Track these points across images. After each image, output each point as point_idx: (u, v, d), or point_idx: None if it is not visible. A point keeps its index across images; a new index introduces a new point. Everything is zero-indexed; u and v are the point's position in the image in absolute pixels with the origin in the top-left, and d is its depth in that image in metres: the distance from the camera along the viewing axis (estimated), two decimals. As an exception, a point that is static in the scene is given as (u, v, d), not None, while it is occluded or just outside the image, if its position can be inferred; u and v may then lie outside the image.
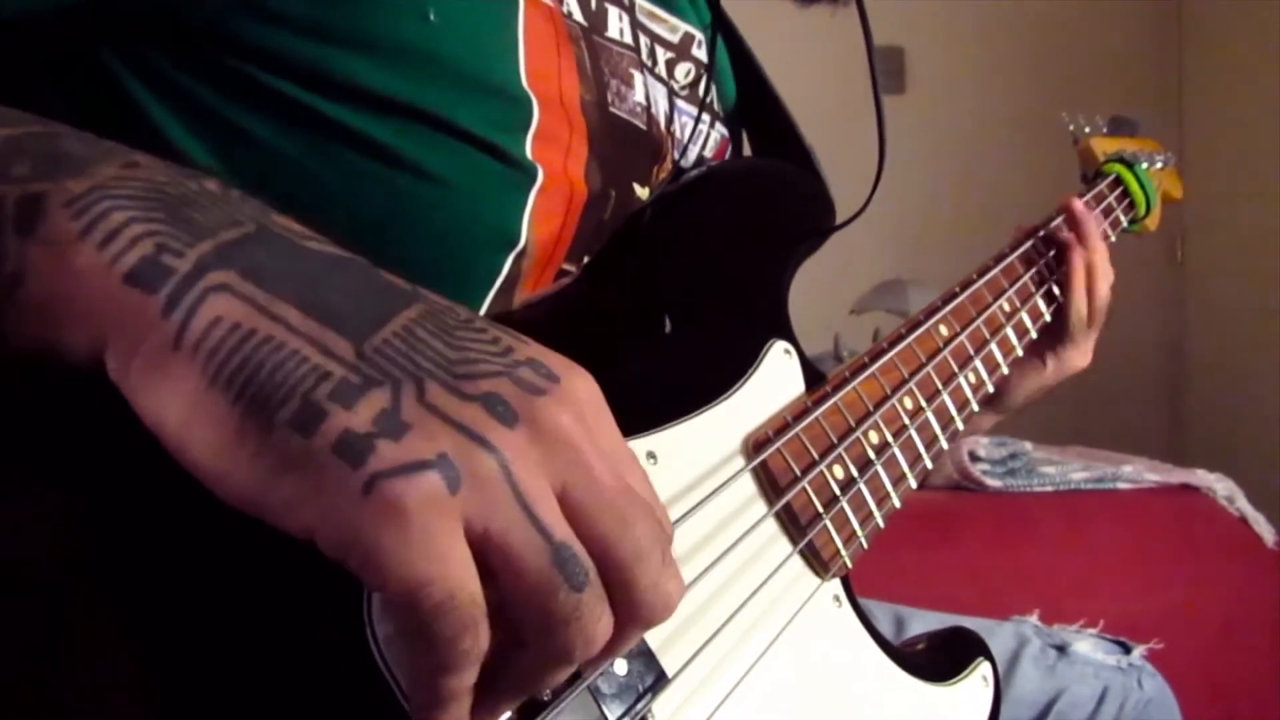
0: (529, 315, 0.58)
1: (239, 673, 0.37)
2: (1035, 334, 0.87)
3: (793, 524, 0.57)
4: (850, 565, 0.60)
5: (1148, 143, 1.19)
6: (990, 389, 0.78)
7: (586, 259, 0.63)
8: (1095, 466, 1.77)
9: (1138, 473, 1.76)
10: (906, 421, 0.67)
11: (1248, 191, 2.85)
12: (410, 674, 0.32)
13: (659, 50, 0.71)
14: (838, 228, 0.72)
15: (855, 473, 0.61)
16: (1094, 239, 0.93)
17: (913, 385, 0.69)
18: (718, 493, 0.52)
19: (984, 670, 0.65)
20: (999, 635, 0.93)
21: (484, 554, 0.32)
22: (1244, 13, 2.91)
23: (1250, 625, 1.63)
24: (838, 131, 1.21)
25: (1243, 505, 1.76)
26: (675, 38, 0.73)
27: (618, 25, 0.67)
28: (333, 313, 0.33)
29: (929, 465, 0.68)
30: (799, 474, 0.58)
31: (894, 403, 0.66)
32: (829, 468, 0.59)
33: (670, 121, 0.70)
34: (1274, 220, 2.79)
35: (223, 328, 0.32)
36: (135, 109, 0.52)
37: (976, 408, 0.76)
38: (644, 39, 0.70)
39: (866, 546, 0.61)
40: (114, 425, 0.32)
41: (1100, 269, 0.92)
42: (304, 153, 0.53)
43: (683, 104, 0.72)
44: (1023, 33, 2.90)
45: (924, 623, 0.90)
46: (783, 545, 0.56)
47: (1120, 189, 1.08)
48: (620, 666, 0.44)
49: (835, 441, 0.61)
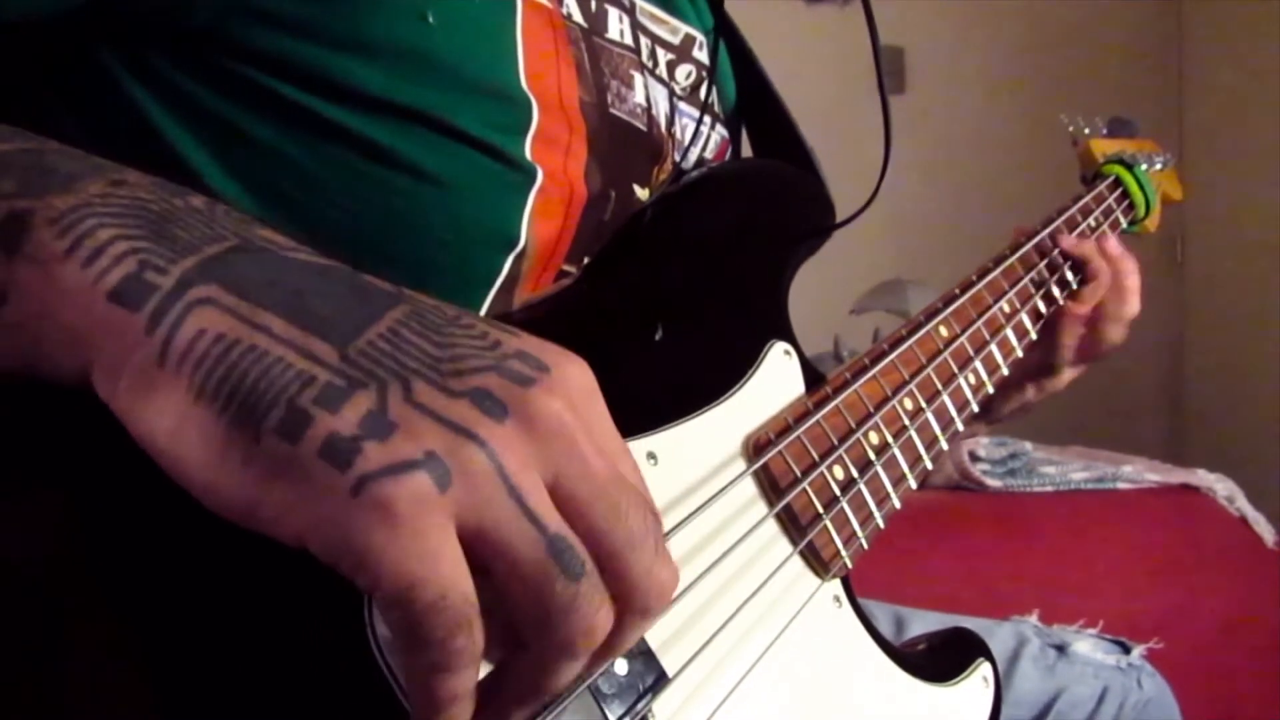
0: (529, 315, 0.58)
1: (239, 673, 0.37)
2: (1035, 335, 0.87)
3: (793, 525, 0.57)
4: (850, 566, 0.60)
5: (1147, 144, 1.19)
6: (990, 390, 0.78)
7: (586, 260, 0.63)
8: (1095, 466, 1.77)
9: (1138, 473, 1.77)
10: (907, 422, 0.67)
11: (1248, 191, 2.85)
12: (407, 676, 0.32)
13: (660, 52, 0.71)
14: (837, 227, 0.72)
15: (855, 473, 0.61)
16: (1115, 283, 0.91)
17: (913, 386, 0.69)
18: (718, 494, 0.52)
19: (984, 670, 0.65)
20: (998, 635, 0.93)
21: (477, 550, 0.31)
22: (1244, 13, 2.91)
23: (1250, 625, 1.63)
24: (837, 132, 1.21)
25: (1243, 505, 1.77)
26: (676, 39, 0.73)
27: (618, 27, 0.67)
28: (316, 319, 0.33)
29: (929, 466, 0.68)
30: (799, 475, 0.58)
31: (894, 404, 0.66)
32: (829, 469, 0.60)
33: (671, 123, 0.70)
34: (1274, 220, 2.79)
35: (206, 340, 0.32)
36: (135, 111, 0.53)
37: (976, 408, 0.76)
38: (644, 40, 0.70)
39: (867, 547, 0.61)
40: (113, 425, 0.32)
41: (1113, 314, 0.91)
42: (303, 154, 0.53)
43: (684, 105, 0.72)
44: (1023, 33, 2.89)
45: (924, 623, 0.90)
46: (783, 546, 0.56)
47: (1120, 190, 1.08)
48: (620, 666, 0.44)
49: (836, 442, 0.61)
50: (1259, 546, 1.73)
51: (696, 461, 0.53)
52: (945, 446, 0.71)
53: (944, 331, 0.75)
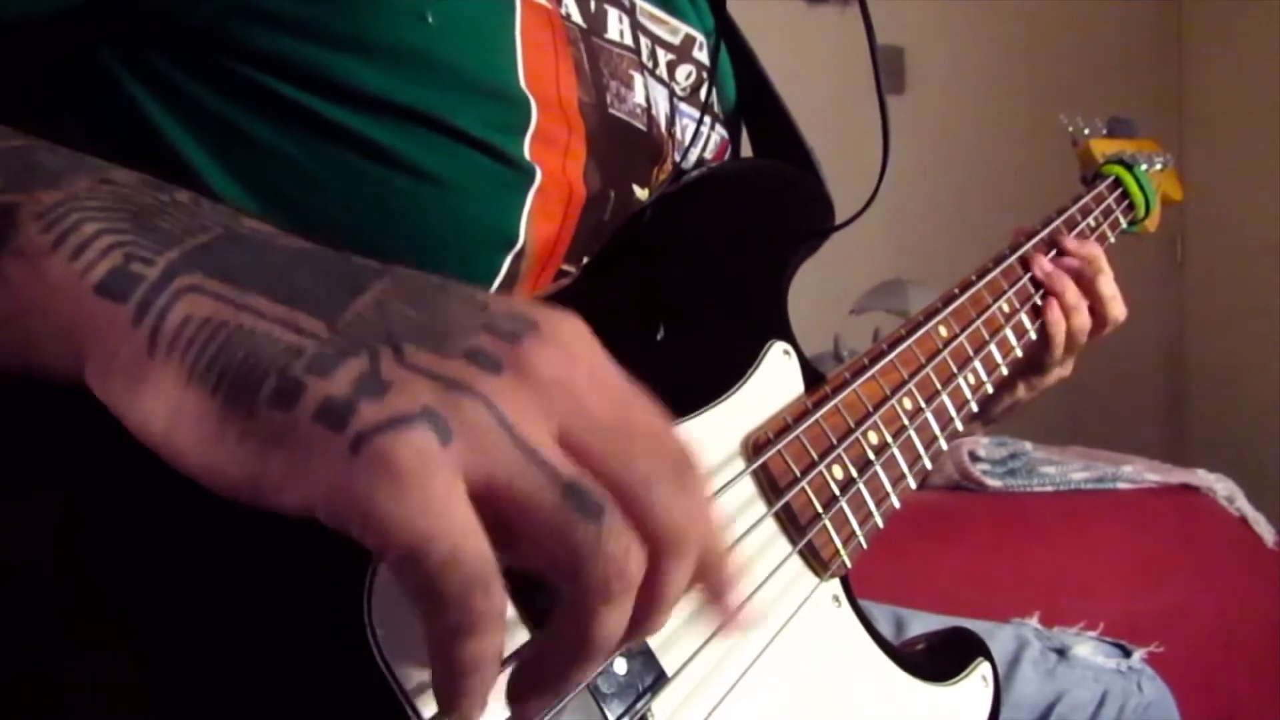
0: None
1: (239, 673, 0.37)
2: (1034, 334, 0.87)
3: (792, 524, 0.57)
4: (849, 565, 0.60)
5: (1146, 144, 1.19)
6: (990, 389, 0.78)
7: (586, 260, 0.63)
8: (1095, 466, 1.77)
9: (1138, 473, 1.77)
10: (906, 422, 0.67)
11: (1248, 191, 2.85)
12: (429, 643, 0.31)
13: (660, 52, 0.71)
14: (837, 228, 0.72)
15: (854, 473, 0.61)
16: (1061, 285, 0.90)
17: (912, 386, 0.69)
18: (717, 493, 0.52)
19: (984, 670, 0.65)
20: (999, 638, 0.93)
21: (492, 505, 0.31)
22: (1244, 13, 2.91)
23: (1250, 625, 1.63)
24: (837, 132, 1.21)
25: (1243, 505, 1.77)
26: (676, 39, 0.73)
27: (617, 27, 0.67)
28: (303, 295, 0.33)
29: (928, 466, 0.68)
30: (798, 474, 0.58)
31: (893, 403, 0.66)
32: (828, 468, 0.60)
33: (671, 123, 0.70)
34: (1274, 220, 2.79)
35: (193, 325, 0.32)
36: (135, 111, 0.53)
37: (976, 408, 0.76)
38: (644, 40, 0.70)
39: (866, 546, 0.61)
40: (112, 425, 0.32)
41: (1073, 304, 0.90)
42: (303, 153, 0.53)
43: (684, 106, 0.72)
44: (1023, 33, 2.89)
45: (924, 624, 0.90)
46: (782, 545, 0.57)
47: (1120, 190, 1.09)
48: (620, 665, 0.44)
49: (835, 442, 0.61)
50: (1259, 546, 1.73)
51: (696, 461, 0.53)
52: (944, 446, 0.71)
53: (943, 331, 0.75)
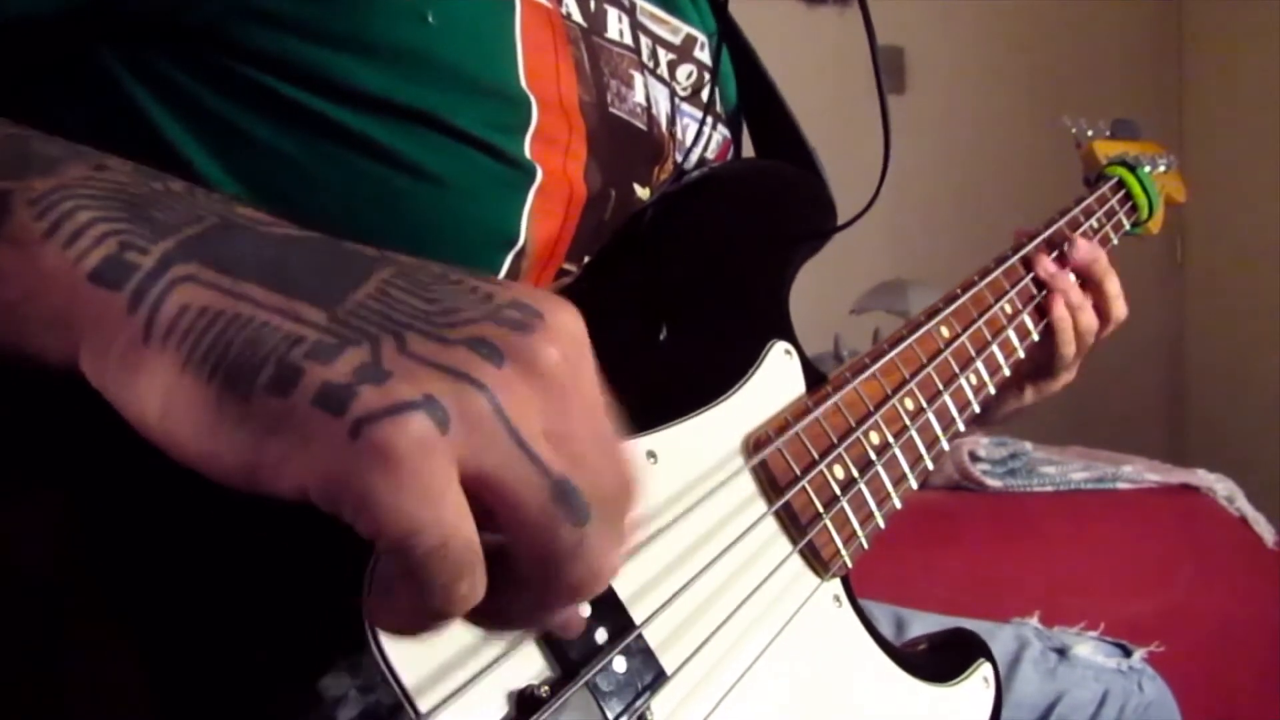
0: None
1: (239, 673, 0.37)
2: (1037, 336, 0.87)
3: (793, 523, 0.57)
4: (850, 565, 0.60)
5: (1150, 146, 1.19)
6: (992, 390, 0.78)
7: (586, 259, 0.63)
8: (1095, 466, 1.77)
9: (1138, 473, 1.76)
10: (907, 422, 0.67)
11: (1248, 191, 2.85)
12: (407, 612, 0.31)
13: (660, 52, 0.71)
14: (839, 229, 0.72)
15: (856, 473, 0.61)
16: (1065, 284, 0.90)
17: (914, 386, 0.69)
18: (717, 491, 0.52)
19: (985, 671, 0.65)
20: (999, 638, 0.93)
21: (480, 494, 0.31)
22: (1244, 14, 2.91)
23: (1250, 625, 1.63)
24: (838, 132, 1.21)
25: (1243, 505, 1.77)
26: (677, 39, 0.73)
27: (618, 26, 0.67)
28: (302, 285, 0.32)
29: (930, 466, 0.68)
30: (799, 474, 0.58)
31: (895, 403, 0.66)
32: (829, 467, 0.59)
33: (672, 123, 0.70)
34: (1274, 220, 2.79)
35: (190, 314, 0.31)
36: (136, 110, 0.53)
37: (978, 409, 0.76)
38: (645, 40, 0.70)
39: (867, 546, 0.61)
40: (111, 425, 0.32)
41: (1077, 302, 0.90)
42: (303, 153, 0.53)
43: (686, 106, 0.72)
44: (1023, 33, 2.89)
45: (925, 625, 0.90)
46: (782, 544, 0.56)
47: (1123, 192, 1.08)
48: (619, 664, 0.44)
49: (836, 441, 0.61)
50: (1259, 547, 1.73)
51: (695, 460, 0.53)
52: (946, 447, 0.71)
53: (945, 331, 0.75)
